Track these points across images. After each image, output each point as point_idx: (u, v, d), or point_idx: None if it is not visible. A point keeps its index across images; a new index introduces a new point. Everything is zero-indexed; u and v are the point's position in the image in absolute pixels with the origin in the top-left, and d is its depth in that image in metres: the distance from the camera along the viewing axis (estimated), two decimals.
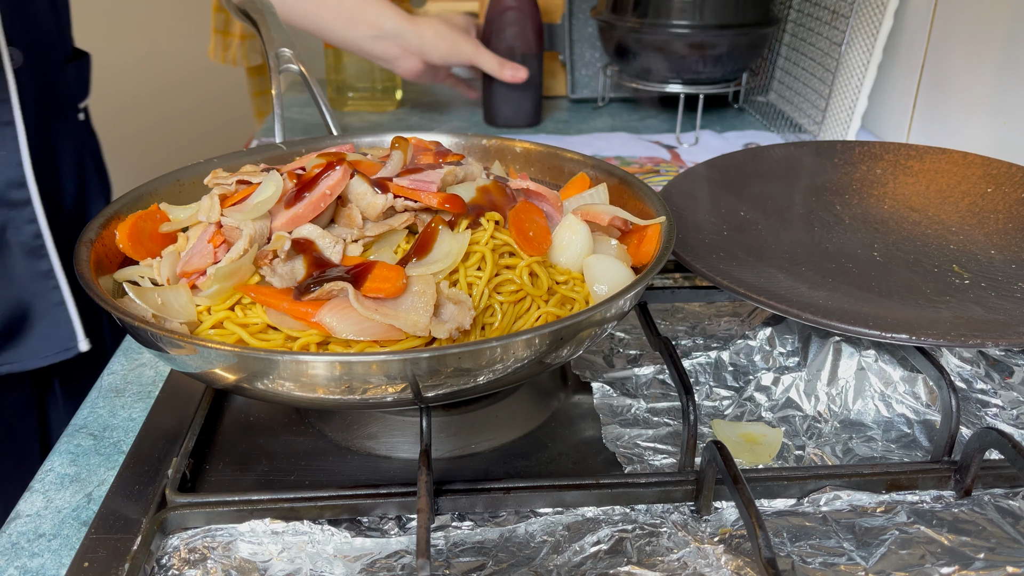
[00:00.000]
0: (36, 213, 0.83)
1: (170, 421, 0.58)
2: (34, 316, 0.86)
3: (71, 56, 0.98)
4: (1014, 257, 0.70)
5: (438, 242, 0.52)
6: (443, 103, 1.40)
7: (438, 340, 0.48)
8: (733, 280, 0.62)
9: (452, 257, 0.51)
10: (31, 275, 0.84)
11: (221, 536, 0.48)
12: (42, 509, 0.52)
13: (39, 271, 0.85)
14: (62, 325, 0.87)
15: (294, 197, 0.54)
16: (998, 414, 0.60)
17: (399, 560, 0.47)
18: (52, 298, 0.86)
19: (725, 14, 1.10)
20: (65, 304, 0.87)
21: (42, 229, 0.84)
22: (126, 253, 0.57)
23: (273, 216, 0.54)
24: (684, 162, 1.13)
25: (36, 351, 0.86)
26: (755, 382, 0.62)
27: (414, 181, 0.55)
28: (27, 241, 0.83)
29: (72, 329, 0.88)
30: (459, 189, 0.56)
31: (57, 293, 0.86)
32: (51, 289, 0.86)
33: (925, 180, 0.82)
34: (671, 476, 0.51)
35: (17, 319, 0.85)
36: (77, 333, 0.88)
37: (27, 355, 0.86)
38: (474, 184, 0.57)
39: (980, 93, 0.95)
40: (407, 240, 0.54)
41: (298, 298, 0.48)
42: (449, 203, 0.54)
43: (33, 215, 0.83)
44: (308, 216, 0.53)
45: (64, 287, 0.86)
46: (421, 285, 0.49)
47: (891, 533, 0.49)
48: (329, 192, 0.53)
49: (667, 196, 0.75)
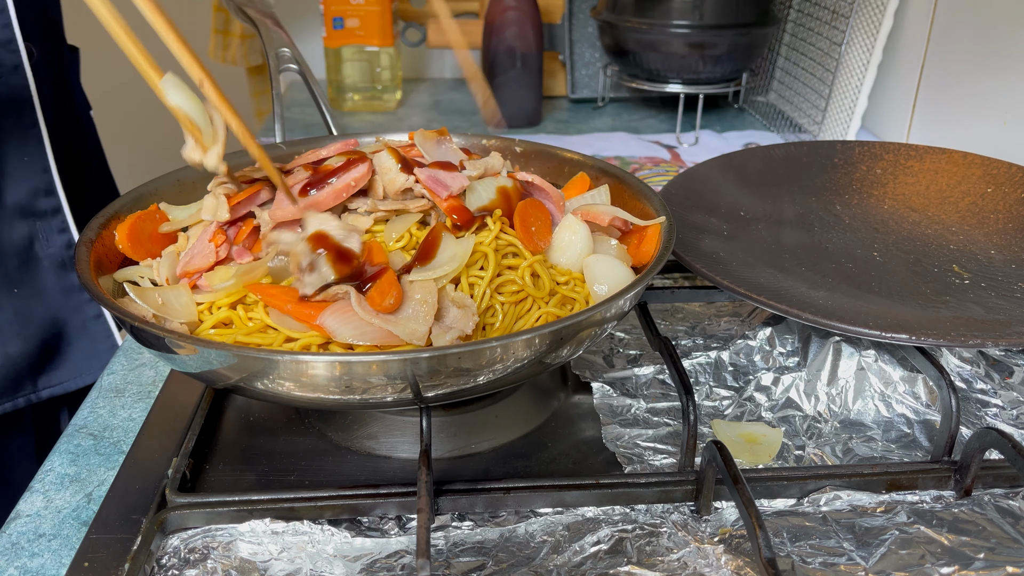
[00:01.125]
0: (68, 222, 0.78)
1: (170, 421, 0.58)
2: (71, 333, 0.80)
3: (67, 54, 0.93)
4: (1014, 257, 0.69)
5: (442, 247, 0.52)
6: (443, 103, 1.40)
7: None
8: (733, 280, 0.62)
9: (457, 261, 0.52)
10: (64, 289, 0.79)
11: (221, 536, 0.48)
12: (42, 509, 0.52)
13: (73, 284, 0.79)
14: (101, 339, 0.82)
15: (313, 183, 0.54)
16: (998, 414, 0.60)
17: (399, 560, 0.47)
18: (89, 311, 0.81)
19: (725, 14, 1.10)
20: (104, 316, 0.81)
21: (75, 238, 0.78)
22: (126, 253, 0.57)
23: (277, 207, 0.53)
24: (684, 162, 1.13)
25: (77, 370, 0.81)
26: (755, 382, 0.62)
27: (431, 178, 0.55)
28: (58, 252, 0.78)
29: (114, 342, 0.82)
30: (479, 186, 0.57)
31: (94, 305, 0.80)
32: (87, 302, 0.80)
33: (925, 180, 0.82)
34: (671, 476, 0.51)
35: (53, 338, 0.79)
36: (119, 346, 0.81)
37: (68, 375, 0.80)
38: (495, 183, 0.57)
39: (980, 93, 0.95)
40: (418, 227, 0.54)
41: (304, 299, 0.48)
42: (456, 214, 0.54)
43: (65, 223, 0.78)
44: (328, 204, 0.53)
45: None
46: (423, 293, 0.49)
47: (891, 533, 0.49)
48: (354, 184, 0.54)
49: (667, 196, 0.75)
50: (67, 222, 0.78)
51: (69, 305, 0.79)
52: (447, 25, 1.26)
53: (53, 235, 0.78)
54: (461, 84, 1.51)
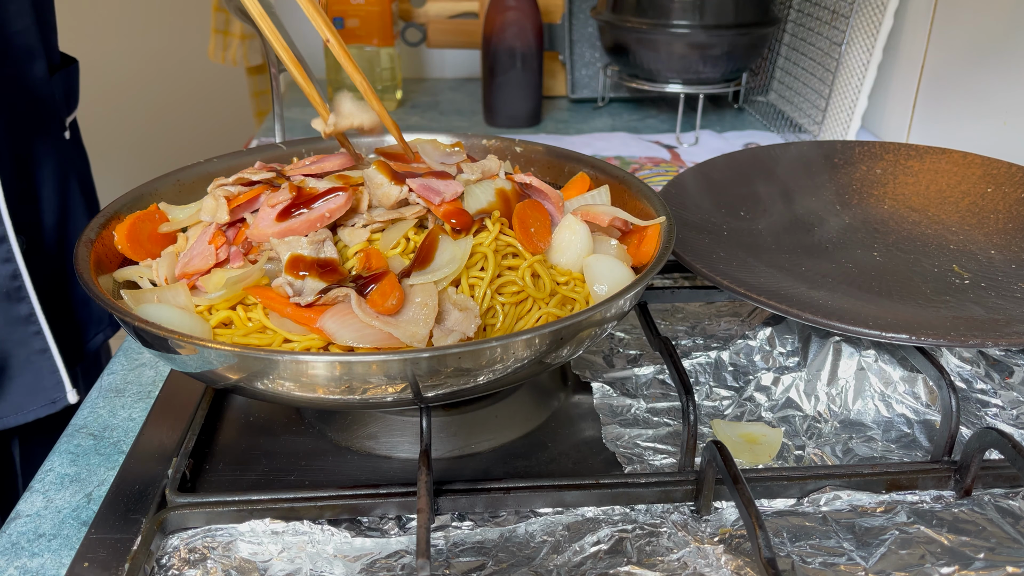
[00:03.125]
0: (13, 251, 0.73)
1: (170, 421, 0.58)
2: (14, 367, 0.76)
3: (57, 65, 0.88)
4: (1014, 257, 0.69)
5: (439, 250, 0.52)
6: (443, 103, 1.40)
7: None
8: (733, 280, 0.62)
9: (456, 263, 0.51)
10: (8, 320, 0.75)
11: (221, 536, 0.48)
12: (42, 509, 0.52)
13: (18, 316, 0.75)
14: (46, 375, 0.77)
15: (291, 206, 0.54)
16: (998, 414, 0.60)
17: (399, 560, 0.47)
18: (34, 345, 0.76)
19: (725, 14, 1.10)
20: (50, 351, 0.77)
21: (20, 269, 0.73)
22: (125, 254, 0.57)
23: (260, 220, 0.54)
24: (684, 162, 1.13)
25: (18, 406, 0.77)
26: (755, 382, 0.62)
27: (424, 187, 0.55)
28: (2, 283, 0.73)
29: (59, 379, 0.78)
30: (477, 189, 0.57)
31: (40, 339, 0.76)
32: (32, 335, 0.76)
33: (925, 180, 0.82)
34: (671, 476, 0.51)
35: None
36: (64, 383, 0.78)
37: (8, 410, 0.77)
38: (493, 185, 0.57)
39: (980, 93, 0.95)
40: (415, 231, 0.54)
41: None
42: (455, 218, 0.54)
43: (9, 253, 0.73)
44: (301, 231, 0.53)
45: (47, 332, 0.76)
46: (423, 296, 0.49)
47: (891, 533, 0.49)
48: (328, 215, 0.53)
49: (667, 196, 0.75)
50: (12, 251, 0.73)
51: (12, 338, 0.75)
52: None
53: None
54: (461, 84, 1.52)
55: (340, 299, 0.48)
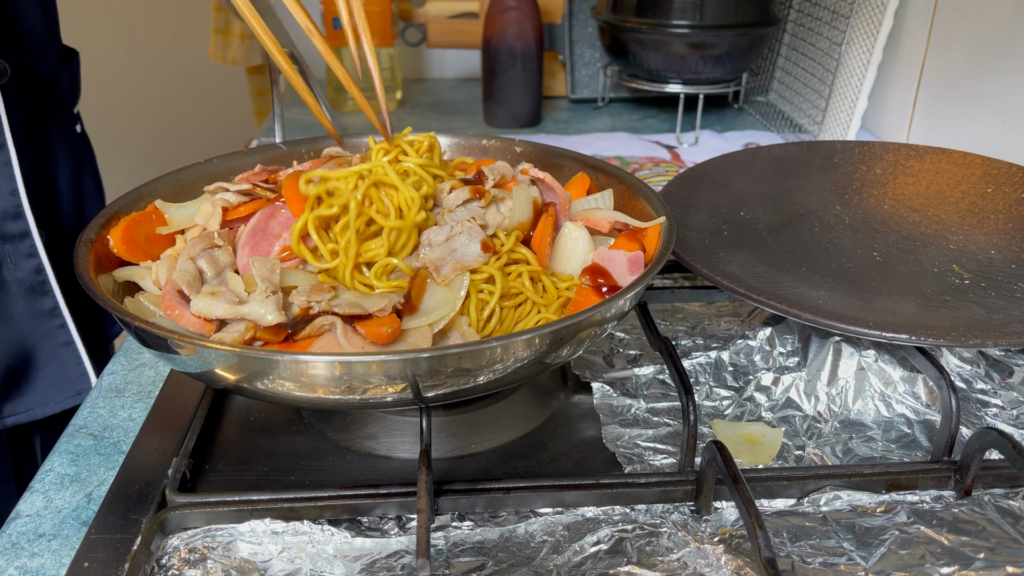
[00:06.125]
0: (36, 246, 0.75)
1: (170, 421, 0.58)
2: (40, 360, 0.78)
3: (62, 57, 0.89)
4: (1014, 257, 0.69)
5: (427, 295, 0.52)
6: (443, 103, 1.40)
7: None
8: (733, 280, 0.62)
9: (449, 305, 0.51)
10: (33, 314, 0.76)
11: (221, 536, 0.48)
12: (42, 509, 0.52)
13: (42, 309, 0.77)
14: (71, 367, 0.79)
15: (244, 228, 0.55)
16: (998, 414, 0.60)
17: (399, 560, 0.47)
18: (59, 338, 0.78)
19: (725, 14, 1.10)
20: (74, 343, 0.79)
21: (44, 263, 0.75)
22: (121, 257, 0.56)
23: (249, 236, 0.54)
24: (684, 162, 1.13)
25: (45, 398, 0.78)
26: (755, 382, 0.62)
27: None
28: (27, 278, 0.75)
29: (84, 370, 0.80)
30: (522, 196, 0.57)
31: (64, 332, 0.78)
32: (57, 328, 0.78)
33: (925, 180, 0.82)
34: (671, 476, 0.51)
35: (20, 364, 0.77)
36: (89, 374, 0.80)
37: (35, 402, 0.78)
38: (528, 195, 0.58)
39: (980, 93, 0.95)
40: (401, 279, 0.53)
41: (290, 338, 0.48)
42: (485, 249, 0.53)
43: (33, 248, 0.75)
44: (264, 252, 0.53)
45: (71, 325, 0.78)
46: (415, 337, 0.49)
47: (891, 533, 0.49)
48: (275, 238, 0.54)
49: (667, 196, 0.75)
50: (36, 246, 0.75)
51: (38, 331, 0.77)
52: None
53: (21, 260, 0.75)
54: (461, 84, 1.52)
55: (327, 328, 0.48)
